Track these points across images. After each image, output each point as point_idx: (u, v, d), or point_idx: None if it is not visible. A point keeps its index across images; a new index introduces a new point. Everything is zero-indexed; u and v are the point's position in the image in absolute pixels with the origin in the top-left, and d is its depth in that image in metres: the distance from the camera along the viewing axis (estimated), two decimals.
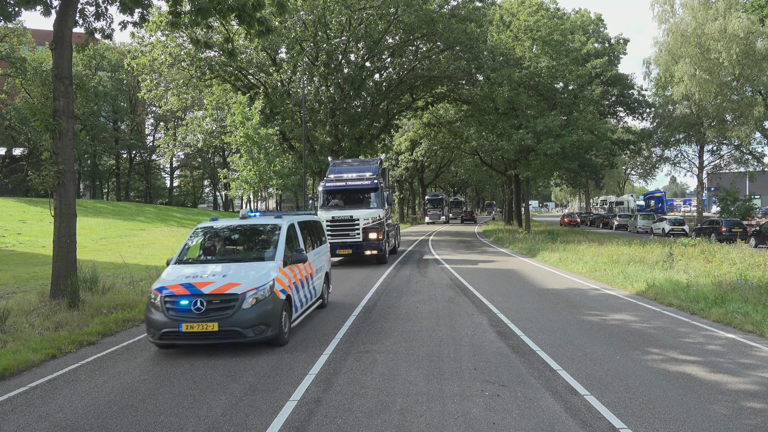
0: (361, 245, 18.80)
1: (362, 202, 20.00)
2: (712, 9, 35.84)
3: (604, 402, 5.77)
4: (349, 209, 19.40)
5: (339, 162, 22.69)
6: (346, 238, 18.90)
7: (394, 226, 23.71)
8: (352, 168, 21.37)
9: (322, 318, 10.42)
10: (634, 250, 20.42)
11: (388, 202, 20.76)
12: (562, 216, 63.05)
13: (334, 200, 20.16)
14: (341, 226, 18.92)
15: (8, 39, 47.48)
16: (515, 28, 36.72)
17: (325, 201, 20.08)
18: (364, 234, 18.76)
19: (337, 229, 18.86)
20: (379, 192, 19.87)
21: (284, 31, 28.97)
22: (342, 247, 18.80)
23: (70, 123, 11.16)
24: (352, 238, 18.83)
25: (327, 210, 19.49)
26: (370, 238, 18.77)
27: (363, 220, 18.85)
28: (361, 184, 19.90)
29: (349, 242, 18.83)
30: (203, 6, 11.89)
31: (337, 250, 18.60)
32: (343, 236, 18.90)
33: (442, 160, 65.03)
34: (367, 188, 19.90)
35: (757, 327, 9.00)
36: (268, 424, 5.30)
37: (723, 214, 41.04)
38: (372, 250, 18.85)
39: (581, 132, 34.30)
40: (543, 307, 11.31)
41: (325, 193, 20.33)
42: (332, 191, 20.21)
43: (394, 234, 23.21)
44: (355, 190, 20.00)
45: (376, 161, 21.79)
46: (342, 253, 19.13)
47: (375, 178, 20.04)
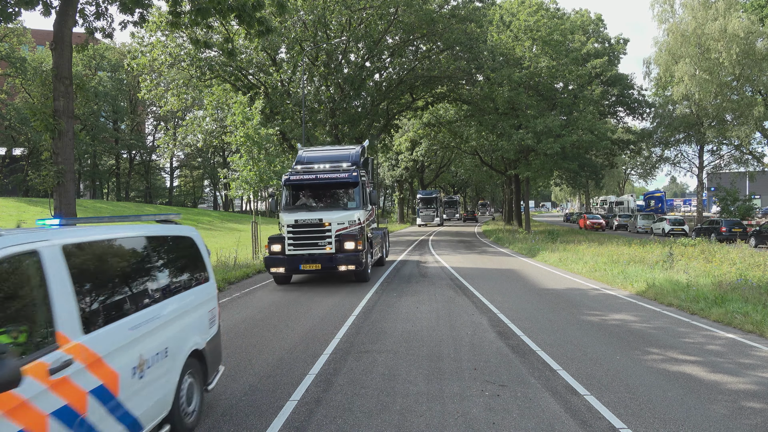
0: (333, 258, 13.99)
1: (338, 201, 15.54)
2: (712, 9, 35.84)
3: (604, 402, 5.77)
4: (320, 210, 14.82)
5: (309, 149, 18.21)
6: (314, 248, 14.09)
7: (380, 232, 19.04)
8: (325, 156, 16.83)
9: None
10: (634, 250, 20.43)
11: (372, 200, 16.10)
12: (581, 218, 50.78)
13: (301, 198, 15.67)
14: (307, 234, 14.13)
15: (8, 39, 47.48)
16: (515, 28, 36.74)
17: (289, 199, 15.45)
18: (339, 243, 14.03)
19: (302, 238, 14.17)
20: (359, 187, 15.23)
21: (284, 31, 28.97)
22: (308, 262, 14.00)
23: (70, 123, 11.17)
24: (321, 248, 14.05)
25: (290, 211, 14.74)
26: (346, 248, 14.00)
27: (337, 224, 14.12)
28: (336, 177, 15.12)
29: (317, 254, 14.06)
30: (203, 6, 11.91)
31: (301, 266, 14.02)
32: (310, 246, 14.12)
33: (442, 160, 64.90)
34: (344, 182, 15.23)
35: (757, 327, 9.01)
36: (268, 424, 5.30)
37: (723, 214, 41.04)
38: (348, 264, 13.97)
39: (581, 132, 34.30)
40: (543, 307, 11.31)
41: (289, 188, 15.55)
42: (298, 186, 15.52)
43: (380, 241, 18.53)
44: (328, 184, 15.37)
45: (356, 148, 17.29)
46: (308, 270, 14.18)
47: (355, 169, 15.38)
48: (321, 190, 15.74)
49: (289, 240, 14.21)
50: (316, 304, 11.96)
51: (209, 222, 44.55)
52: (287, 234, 14.15)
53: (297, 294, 13.41)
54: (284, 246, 14.24)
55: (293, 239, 14.21)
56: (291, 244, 14.22)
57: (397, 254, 24.35)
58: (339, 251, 14.08)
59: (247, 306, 11.97)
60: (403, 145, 52.58)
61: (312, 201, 15.67)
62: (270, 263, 14.41)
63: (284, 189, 15.56)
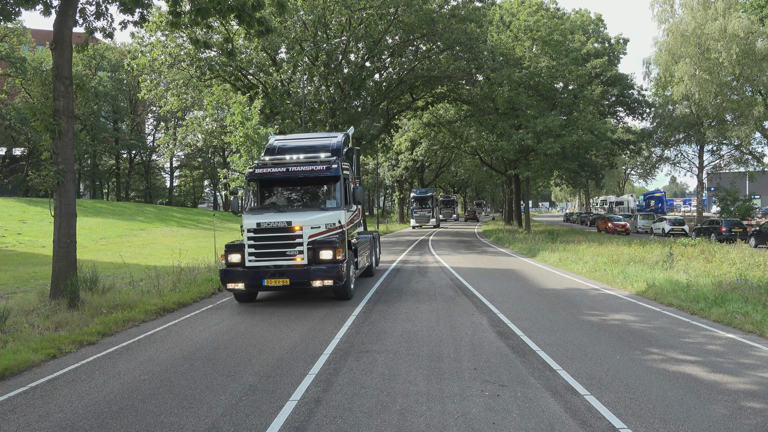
0: (305, 271, 11.26)
1: (314, 200, 12.85)
2: (712, 9, 35.86)
3: (604, 402, 5.77)
4: (290, 211, 12.21)
5: (282, 137, 15.57)
6: (280, 258, 11.43)
7: (368, 237, 16.15)
8: (300, 145, 14.21)
9: None
10: (634, 250, 20.42)
11: (356, 199, 13.47)
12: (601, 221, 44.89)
13: (269, 196, 13.10)
14: (272, 241, 11.48)
15: (8, 39, 47.51)
16: (515, 28, 36.76)
17: (255, 197, 12.84)
18: (313, 252, 11.40)
19: (266, 246, 11.49)
20: (340, 183, 12.56)
21: (284, 31, 28.99)
22: (273, 276, 11.29)
23: (70, 123, 11.17)
24: (290, 259, 11.41)
25: (255, 213, 12.11)
26: (321, 258, 11.38)
27: (310, 228, 11.52)
28: (313, 170, 12.33)
29: (285, 266, 11.38)
30: (203, 6, 11.91)
31: (264, 281, 11.30)
32: (275, 256, 11.45)
33: (442, 160, 64.85)
34: (322, 177, 12.48)
35: (757, 327, 9.01)
36: (268, 424, 5.30)
37: (723, 214, 41.06)
38: (325, 278, 11.28)
39: (581, 132, 34.32)
40: (543, 307, 11.31)
41: (254, 183, 12.82)
42: (265, 181, 12.78)
43: (368, 248, 15.70)
44: (302, 179, 12.61)
45: (338, 135, 14.73)
46: (273, 286, 11.37)
47: (335, 161, 12.62)
48: (293, 187, 13.04)
49: (250, 249, 11.41)
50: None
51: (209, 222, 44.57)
52: (247, 241, 11.43)
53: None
54: (244, 256, 11.48)
55: (255, 248, 11.42)
56: (252, 253, 11.40)
57: (397, 254, 24.35)
58: (313, 262, 11.37)
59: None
60: (403, 145, 52.58)
61: (283, 200, 12.99)
62: (226, 277, 11.50)
63: (248, 185, 12.74)
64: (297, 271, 11.31)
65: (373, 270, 16.92)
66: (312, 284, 11.34)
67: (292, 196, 13.18)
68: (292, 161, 12.77)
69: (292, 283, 11.30)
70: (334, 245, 11.53)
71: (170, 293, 12.52)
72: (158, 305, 11.32)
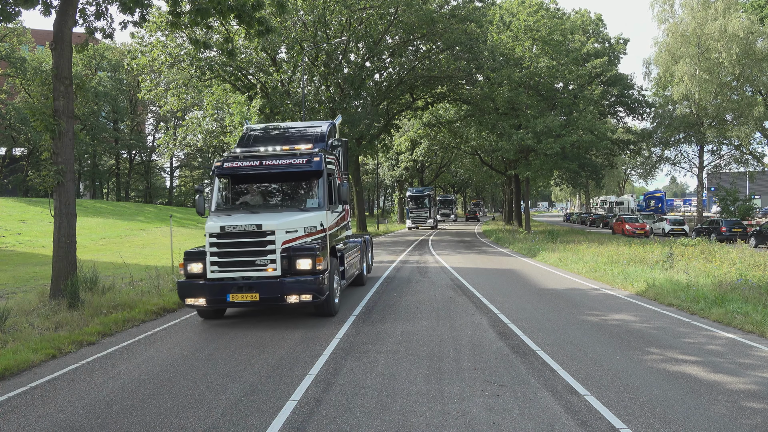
0: (278, 284, 9.43)
1: (292, 199, 11.15)
2: (712, 9, 35.86)
3: (604, 402, 5.77)
4: (265, 212, 10.45)
5: (259, 126, 13.79)
6: (248, 269, 9.56)
7: (358, 241, 14.43)
8: (277, 135, 12.76)
9: None
10: (634, 250, 20.42)
11: (341, 198, 11.70)
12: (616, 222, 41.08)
13: (241, 195, 11.37)
14: (239, 247, 9.58)
15: (8, 39, 47.52)
16: (515, 28, 36.77)
17: (223, 196, 11.17)
18: (288, 261, 9.60)
19: (231, 253, 9.58)
20: (323, 179, 10.85)
21: (284, 31, 29.00)
22: (240, 290, 9.44)
23: (70, 123, 11.17)
24: (261, 269, 9.54)
25: (221, 214, 10.49)
26: (298, 268, 9.61)
27: (285, 232, 9.68)
28: (291, 164, 10.67)
29: (253, 278, 9.54)
30: (203, 6, 11.91)
31: (229, 296, 9.44)
32: (243, 266, 9.59)
33: (442, 160, 64.83)
34: (302, 172, 10.79)
35: (757, 327, 9.01)
36: (268, 424, 5.30)
37: (723, 214, 41.07)
38: (303, 293, 9.52)
39: (581, 132, 34.33)
40: (543, 307, 11.31)
41: (223, 180, 11.22)
42: (237, 177, 11.14)
43: (358, 254, 13.96)
44: (278, 174, 10.90)
45: (323, 125, 12.85)
46: (240, 302, 9.53)
47: (317, 153, 10.89)
48: (268, 184, 11.33)
49: (213, 257, 9.52)
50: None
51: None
52: (209, 248, 9.53)
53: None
54: (206, 266, 9.64)
55: (219, 256, 9.51)
56: (215, 263, 9.53)
57: (397, 254, 24.35)
58: (288, 273, 9.54)
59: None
60: (403, 145, 52.57)
61: (256, 199, 11.25)
62: (185, 291, 9.66)
63: (215, 181, 11.11)
64: (268, 284, 9.40)
65: (365, 278, 14.90)
66: (287, 300, 9.46)
67: (266, 194, 11.34)
68: (267, 153, 11.00)
69: (262, 298, 9.39)
70: (314, 252, 9.64)
71: (170, 293, 12.51)
72: (158, 305, 11.32)
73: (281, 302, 9.56)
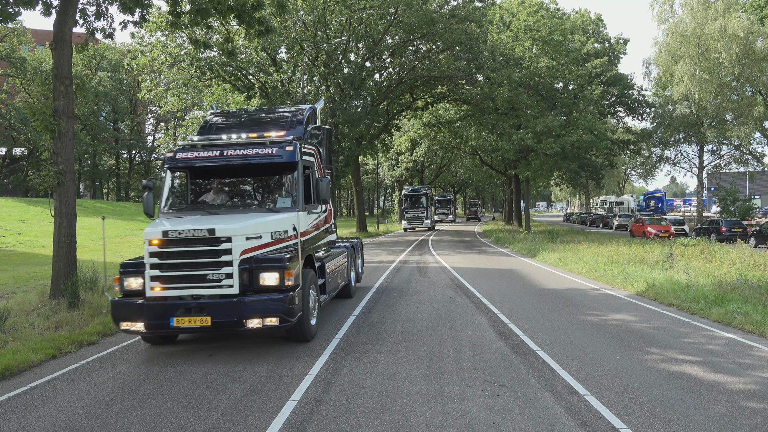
0: (235, 306, 7.47)
1: (261, 197, 9.31)
2: (712, 9, 35.86)
3: (604, 402, 5.78)
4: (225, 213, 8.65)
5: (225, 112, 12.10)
6: (198, 285, 7.63)
7: (344, 247, 12.30)
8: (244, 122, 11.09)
9: None
10: (634, 250, 20.43)
11: (320, 196, 9.48)
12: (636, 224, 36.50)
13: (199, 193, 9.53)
14: (185, 257, 7.63)
15: (8, 39, 47.52)
16: (515, 28, 36.77)
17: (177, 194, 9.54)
18: (249, 275, 7.71)
19: (176, 266, 7.65)
20: (298, 174, 8.99)
21: (284, 31, 29.00)
22: (188, 312, 7.52)
23: (70, 123, 11.17)
24: (213, 285, 7.62)
25: (172, 216, 8.80)
26: (263, 284, 7.73)
27: (245, 239, 7.78)
28: (258, 154, 8.81)
29: (205, 296, 7.64)
30: (203, 6, 11.92)
31: (173, 320, 7.49)
32: (191, 282, 7.64)
33: (442, 160, 64.81)
34: (271, 164, 8.92)
35: (757, 327, 9.01)
36: (268, 424, 5.30)
37: (723, 214, 41.06)
38: (267, 315, 7.57)
39: (581, 132, 34.33)
40: (543, 307, 11.31)
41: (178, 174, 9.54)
42: (194, 170, 9.38)
43: (344, 262, 11.86)
44: (242, 167, 9.06)
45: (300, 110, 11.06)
46: (186, 327, 7.54)
47: (291, 142, 9.03)
48: (231, 179, 9.45)
49: (153, 270, 7.51)
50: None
51: None
52: (149, 259, 7.53)
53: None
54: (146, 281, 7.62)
55: (160, 268, 7.51)
56: (157, 278, 7.51)
57: (397, 254, 24.34)
58: (249, 290, 7.61)
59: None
60: (404, 145, 52.57)
61: (218, 197, 9.24)
62: (119, 313, 7.66)
63: (166, 176, 9.25)
64: (223, 305, 7.37)
65: (353, 289, 12.80)
66: (246, 324, 7.41)
67: (230, 192, 9.41)
68: (230, 142, 9.07)
69: (215, 323, 7.38)
70: (282, 264, 7.63)
71: None
72: None
73: (239, 327, 7.47)
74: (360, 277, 14.31)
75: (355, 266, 13.32)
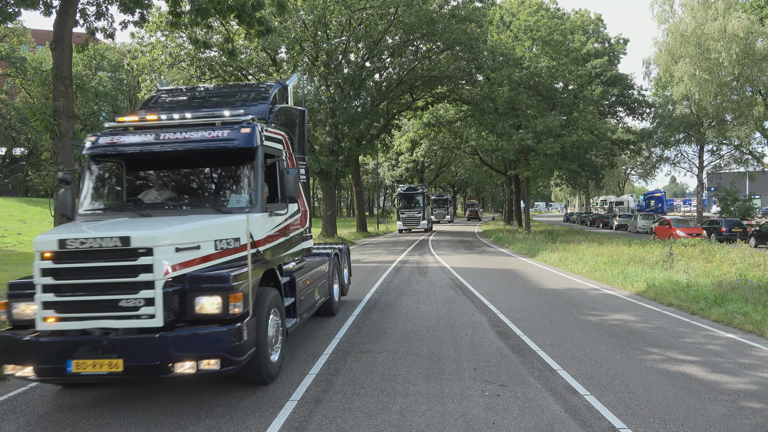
0: (158, 344, 5.32)
1: (211, 194, 7.30)
2: (712, 9, 35.86)
3: (604, 402, 5.78)
4: (162, 216, 6.59)
5: (174, 89, 9.74)
6: (106, 315, 5.41)
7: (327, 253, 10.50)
8: (194, 100, 9.08)
9: None
10: (634, 250, 20.43)
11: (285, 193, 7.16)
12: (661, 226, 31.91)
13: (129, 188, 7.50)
14: (89, 276, 5.42)
15: (8, 39, 47.52)
16: (515, 28, 36.77)
17: (99, 191, 7.40)
18: (180, 299, 5.59)
19: (77, 287, 5.43)
20: (258, 163, 6.87)
21: (284, 31, 28.98)
22: (92, 352, 5.32)
23: (70, 123, 11.17)
24: (127, 315, 5.39)
25: (88, 219, 6.78)
26: (199, 312, 5.61)
27: (173, 251, 5.64)
28: (204, 138, 6.75)
29: (116, 330, 5.44)
30: (203, 6, 11.92)
31: (71, 363, 5.29)
32: (97, 311, 5.42)
33: (442, 160, 64.78)
34: (220, 151, 6.84)
35: (757, 327, 9.01)
36: (268, 424, 5.30)
37: (723, 214, 41.05)
38: (204, 356, 5.42)
39: (581, 132, 34.34)
40: (543, 307, 11.31)
41: (106, 163, 7.49)
42: (129, 160, 7.40)
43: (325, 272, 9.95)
44: (184, 155, 6.98)
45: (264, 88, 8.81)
46: (88, 374, 5.30)
47: (246, 123, 6.92)
48: (173, 171, 7.40)
49: (46, 294, 5.49)
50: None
51: None
52: (40, 278, 5.49)
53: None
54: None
55: (56, 291, 5.49)
56: (50, 304, 5.49)
57: (397, 254, 24.34)
58: (179, 321, 5.64)
59: None
60: (404, 145, 52.57)
61: (159, 195, 7.18)
62: (3, 352, 5.68)
63: (87, 167, 7.26)
64: (140, 343, 5.39)
65: (336, 305, 10.69)
66: (173, 370, 5.39)
67: (170, 188, 7.26)
68: (169, 123, 7.06)
69: (128, 367, 5.33)
70: (226, 285, 5.64)
71: None
72: None
73: (163, 374, 5.40)
74: (346, 289, 12.04)
75: (339, 277, 11.24)
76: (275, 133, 7.67)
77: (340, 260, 11.40)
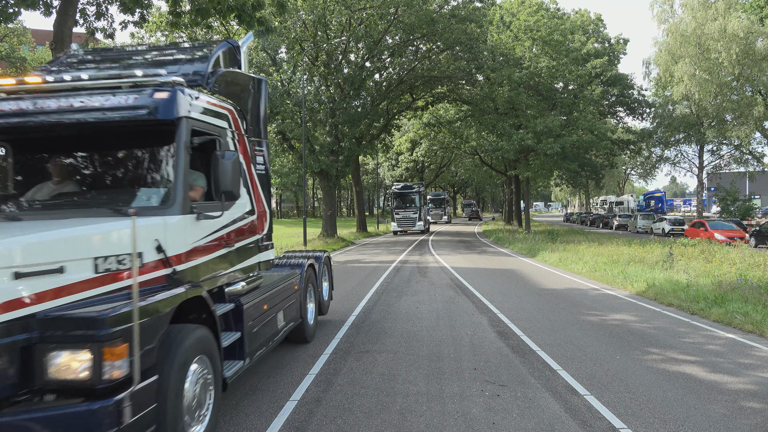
0: None
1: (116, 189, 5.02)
2: (712, 9, 35.89)
3: (604, 402, 5.78)
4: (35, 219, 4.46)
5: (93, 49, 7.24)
6: None
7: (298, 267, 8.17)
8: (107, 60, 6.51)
9: None
10: (634, 250, 20.44)
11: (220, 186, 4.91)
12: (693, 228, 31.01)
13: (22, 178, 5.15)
14: None
15: (8, 39, 47.54)
16: (515, 28, 36.78)
17: None
18: (21, 355, 3.32)
19: None
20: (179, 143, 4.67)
21: (284, 31, 28.99)
22: None
23: None
24: None
25: None
26: (55, 377, 3.35)
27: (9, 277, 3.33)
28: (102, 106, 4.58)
29: None
30: (203, 6, 11.93)
31: None
32: None
33: (442, 160, 64.76)
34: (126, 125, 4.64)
35: (757, 327, 9.01)
36: (268, 424, 5.30)
37: (723, 214, 41.06)
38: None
39: (581, 132, 34.35)
40: (543, 307, 11.31)
41: None
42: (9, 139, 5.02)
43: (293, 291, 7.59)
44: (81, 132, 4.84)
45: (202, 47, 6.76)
46: None
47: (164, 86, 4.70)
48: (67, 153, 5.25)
49: None
50: None
51: None
52: None
53: None
54: None
55: None
56: None
57: (397, 254, 24.34)
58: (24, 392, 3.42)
59: None
60: (404, 145, 52.57)
61: (42, 189, 5.06)
62: None
63: None
64: None
65: (311, 330, 8.47)
66: None
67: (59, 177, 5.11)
68: (55, 86, 5.02)
69: None
70: (99, 331, 3.42)
71: None
72: None
73: None
74: (326, 307, 9.70)
75: (316, 294, 8.93)
76: (215, 104, 5.54)
77: (317, 272, 8.99)
